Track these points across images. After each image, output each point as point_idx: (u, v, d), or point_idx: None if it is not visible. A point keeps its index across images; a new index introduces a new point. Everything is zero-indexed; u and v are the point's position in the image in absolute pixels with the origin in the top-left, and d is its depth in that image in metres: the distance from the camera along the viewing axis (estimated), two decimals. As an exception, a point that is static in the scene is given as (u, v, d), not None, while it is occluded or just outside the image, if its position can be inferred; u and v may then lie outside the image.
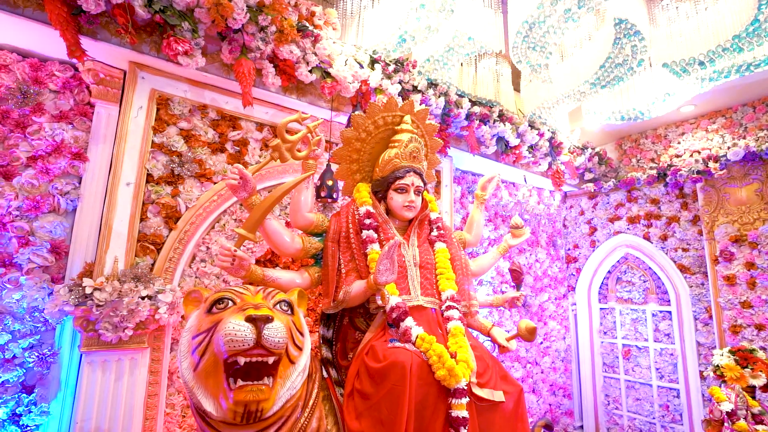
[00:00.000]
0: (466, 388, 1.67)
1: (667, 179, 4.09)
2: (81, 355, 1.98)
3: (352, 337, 2.02)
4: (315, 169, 2.05)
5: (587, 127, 4.57)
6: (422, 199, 2.24)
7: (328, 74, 2.70)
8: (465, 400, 1.65)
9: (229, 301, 1.52)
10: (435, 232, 2.22)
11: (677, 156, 4.30)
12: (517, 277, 2.59)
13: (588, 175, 4.68)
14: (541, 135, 3.99)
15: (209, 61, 2.44)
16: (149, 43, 2.25)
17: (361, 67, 2.79)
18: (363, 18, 2.93)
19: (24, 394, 2.00)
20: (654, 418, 4.20)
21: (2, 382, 1.96)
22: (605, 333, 4.65)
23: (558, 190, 4.18)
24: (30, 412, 1.98)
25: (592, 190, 4.64)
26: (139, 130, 2.29)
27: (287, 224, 2.66)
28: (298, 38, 2.54)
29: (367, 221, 2.02)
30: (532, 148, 4.01)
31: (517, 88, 4.11)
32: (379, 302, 1.81)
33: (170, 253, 2.29)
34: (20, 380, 2.01)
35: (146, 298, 2.03)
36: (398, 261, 1.99)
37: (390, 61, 2.92)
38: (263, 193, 2.75)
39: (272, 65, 2.52)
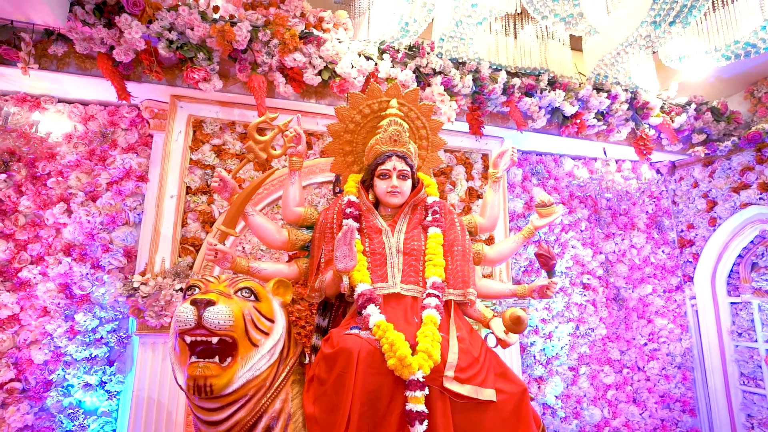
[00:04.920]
0: (422, 380, 1.55)
1: (814, 127, 3.02)
2: (138, 338, 2.44)
3: (342, 326, 2.04)
4: (300, 165, 2.14)
5: (690, 78, 3.68)
6: (418, 182, 2.13)
7: (337, 74, 2.79)
8: (420, 393, 1.53)
9: (196, 288, 1.71)
10: (429, 217, 2.09)
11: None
12: (545, 262, 2.24)
13: (697, 138, 3.73)
14: (614, 97, 3.36)
15: (232, 82, 2.77)
16: (181, 77, 2.67)
17: (368, 59, 2.80)
18: (370, 14, 2.94)
19: (108, 366, 2.56)
20: (827, 451, 3.11)
21: (94, 356, 2.55)
22: (740, 334, 3.62)
23: (644, 161, 3.43)
24: (111, 381, 2.52)
25: (702, 156, 3.69)
26: (179, 151, 2.72)
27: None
28: (301, 45, 2.69)
29: (348, 210, 2.02)
30: (603, 114, 3.41)
31: (579, 47, 3.55)
32: (342, 289, 1.80)
33: (207, 252, 2.65)
34: (106, 355, 2.58)
35: (180, 291, 2.40)
36: (377, 248, 1.95)
37: (400, 49, 2.86)
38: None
39: (282, 75, 2.72)
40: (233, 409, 1.63)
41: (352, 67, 2.76)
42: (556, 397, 3.37)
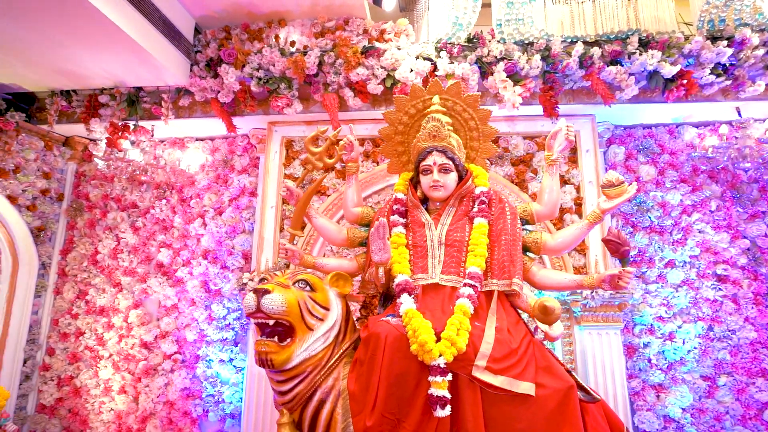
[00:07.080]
0: (444, 366, 1.60)
1: None
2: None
3: (397, 316, 2.19)
4: (356, 170, 2.37)
5: None
6: (466, 173, 2.15)
7: (397, 80, 2.94)
8: (441, 379, 1.58)
9: (265, 280, 2.08)
10: (475, 208, 2.09)
11: None
12: (615, 249, 1.99)
13: None
14: (740, 43, 2.71)
15: (312, 104, 3.18)
16: (273, 107, 3.18)
17: (426, 60, 2.89)
18: (428, 16, 3.02)
19: (234, 347, 3.20)
20: None
21: (225, 338, 3.22)
22: None
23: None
24: (236, 358, 3.15)
25: None
26: (275, 168, 3.24)
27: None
28: (363, 59, 2.93)
29: (395, 207, 2.17)
30: (725, 68, 2.77)
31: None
32: (381, 280, 1.95)
33: (300, 252, 3.09)
34: (233, 338, 3.24)
35: (276, 285, 2.86)
36: (419, 242, 2.03)
37: (456, 43, 2.87)
38: (375, 197, 3.25)
39: (350, 90, 3.01)
40: (295, 382, 1.91)
41: (411, 71, 2.88)
42: (683, 409, 2.85)
